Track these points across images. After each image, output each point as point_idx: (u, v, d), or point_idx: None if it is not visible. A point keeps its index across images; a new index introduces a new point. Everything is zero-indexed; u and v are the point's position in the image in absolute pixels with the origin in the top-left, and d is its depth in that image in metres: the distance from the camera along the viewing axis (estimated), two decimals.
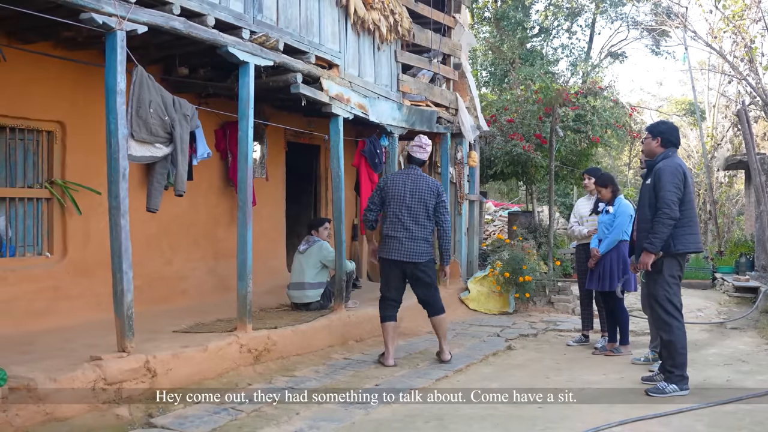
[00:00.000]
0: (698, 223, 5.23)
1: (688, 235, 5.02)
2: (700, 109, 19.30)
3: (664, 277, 5.03)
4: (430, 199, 5.82)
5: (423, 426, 4.22)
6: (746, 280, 10.15)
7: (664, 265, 5.03)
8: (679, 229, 4.99)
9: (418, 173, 5.94)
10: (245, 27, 5.49)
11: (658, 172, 5.03)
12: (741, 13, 14.56)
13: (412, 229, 5.78)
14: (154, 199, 5.49)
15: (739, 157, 12.78)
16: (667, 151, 5.14)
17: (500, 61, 20.77)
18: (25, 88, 5.62)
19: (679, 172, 5.00)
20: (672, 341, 4.99)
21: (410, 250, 5.78)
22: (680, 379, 4.96)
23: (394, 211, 5.82)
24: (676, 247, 4.99)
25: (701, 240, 5.20)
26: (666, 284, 5.02)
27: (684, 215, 4.99)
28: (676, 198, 4.93)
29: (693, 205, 5.10)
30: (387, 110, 7.74)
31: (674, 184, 4.94)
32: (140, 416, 4.15)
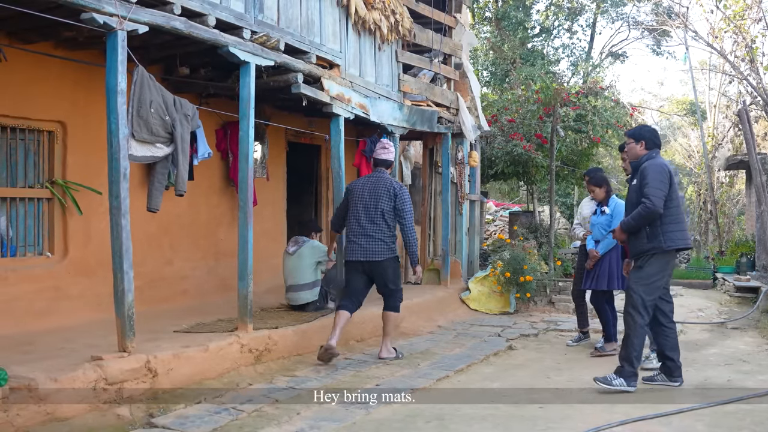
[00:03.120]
0: (685, 220, 5.32)
1: (676, 232, 5.08)
2: (701, 109, 19.29)
3: (646, 275, 5.08)
4: (388, 200, 5.88)
5: (424, 426, 4.22)
6: (747, 280, 10.14)
7: (648, 263, 5.08)
8: (667, 226, 5.05)
9: (380, 175, 6.02)
10: (246, 27, 5.49)
11: (643, 172, 5.10)
12: (742, 13, 14.55)
13: (369, 229, 5.87)
14: (155, 199, 5.49)
15: (739, 156, 12.78)
16: (650, 152, 5.22)
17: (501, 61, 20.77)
18: (26, 88, 5.62)
19: (664, 170, 5.08)
20: (630, 336, 5.07)
21: (368, 250, 5.87)
22: (629, 374, 5.02)
23: (354, 213, 5.96)
24: (666, 244, 5.04)
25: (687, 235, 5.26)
26: (645, 282, 5.07)
27: (671, 212, 5.06)
28: (661, 194, 4.99)
29: (679, 203, 5.16)
30: (388, 110, 7.74)
31: (659, 181, 5.01)
32: (141, 416, 4.15)
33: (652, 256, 5.08)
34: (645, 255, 5.10)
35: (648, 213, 4.99)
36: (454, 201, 9.55)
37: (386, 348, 6.02)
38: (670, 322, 5.31)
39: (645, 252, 5.10)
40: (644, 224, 5.06)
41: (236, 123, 5.84)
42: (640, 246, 5.14)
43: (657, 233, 5.04)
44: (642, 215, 5.03)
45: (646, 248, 5.09)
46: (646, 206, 4.99)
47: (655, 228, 5.05)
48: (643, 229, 5.09)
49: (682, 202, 5.32)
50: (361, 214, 5.90)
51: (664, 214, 5.02)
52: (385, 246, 5.90)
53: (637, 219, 5.07)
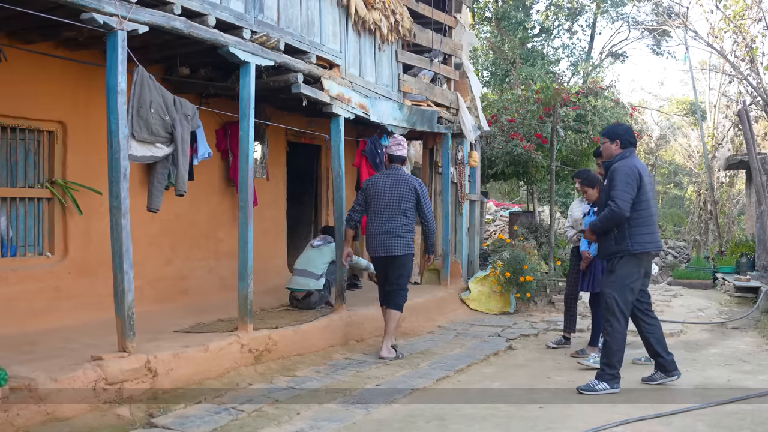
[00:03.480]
0: (657, 222, 5.25)
1: (645, 235, 5.04)
2: (701, 109, 19.29)
3: (617, 277, 5.05)
4: (410, 198, 6.07)
5: (424, 426, 4.22)
6: (747, 280, 10.14)
7: (619, 265, 5.04)
8: (636, 229, 5.00)
9: (398, 173, 6.18)
10: (246, 27, 5.49)
11: (612, 173, 5.05)
12: (742, 13, 14.55)
13: (390, 226, 6.03)
14: (155, 199, 5.50)
15: (739, 156, 12.77)
16: (624, 152, 5.16)
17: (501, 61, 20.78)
18: (26, 88, 5.62)
19: (633, 172, 5.01)
20: (609, 341, 5.05)
21: (387, 245, 6.04)
22: (611, 378, 5.01)
23: (375, 209, 6.10)
24: (633, 247, 5.00)
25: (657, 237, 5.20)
26: (617, 284, 5.03)
27: (641, 215, 5.01)
28: (628, 197, 4.94)
29: (650, 205, 5.09)
30: (388, 110, 7.74)
31: (627, 183, 4.95)
32: (141, 416, 4.15)
33: (621, 258, 5.03)
34: (614, 257, 5.06)
35: (614, 216, 4.94)
36: (454, 201, 9.55)
37: (387, 347, 6.04)
38: (651, 318, 5.30)
39: (613, 254, 5.06)
40: (611, 227, 5.01)
41: (236, 123, 5.84)
42: (608, 248, 5.10)
43: (625, 236, 5.00)
44: (608, 218, 4.98)
45: (614, 250, 5.05)
46: (611, 209, 4.94)
47: (623, 230, 5.00)
48: (611, 231, 5.04)
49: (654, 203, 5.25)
50: (382, 211, 6.05)
51: (632, 216, 4.97)
52: (404, 242, 6.07)
53: (604, 221, 5.02)
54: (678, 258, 13.92)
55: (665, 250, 14.15)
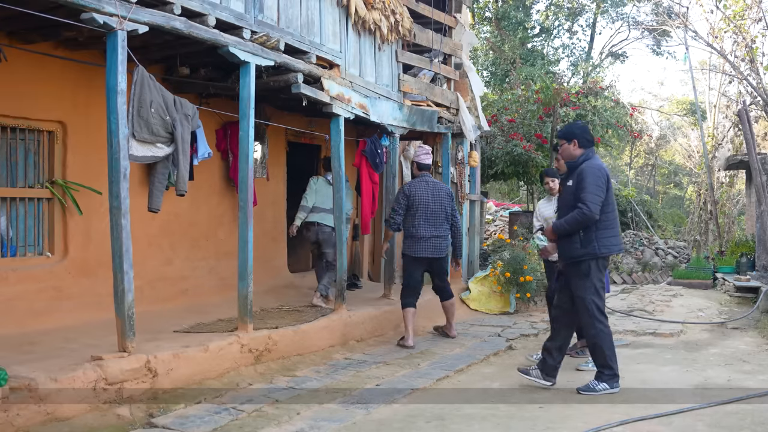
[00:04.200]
0: (619, 225, 5.21)
1: (611, 237, 5.01)
2: (701, 109, 19.29)
3: (592, 281, 4.99)
4: (449, 203, 6.92)
5: (424, 426, 4.22)
6: (747, 280, 10.14)
7: (591, 269, 4.98)
8: (602, 231, 4.96)
9: (434, 181, 6.95)
10: (246, 27, 5.49)
11: (581, 174, 4.97)
12: (742, 13, 14.55)
13: (439, 230, 6.81)
14: (155, 199, 5.50)
15: (739, 156, 12.77)
16: (587, 152, 5.11)
17: (501, 61, 20.78)
18: (26, 88, 5.61)
19: (602, 173, 4.98)
20: (598, 343, 5.01)
21: (437, 247, 6.81)
22: (610, 378, 4.99)
23: (422, 215, 6.76)
24: (600, 250, 4.96)
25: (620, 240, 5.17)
26: (594, 288, 4.99)
27: (606, 217, 4.98)
28: (598, 200, 4.89)
29: (614, 208, 5.08)
30: (388, 110, 7.74)
31: (597, 185, 4.90)
32: (141, 416, 4.15)
33: (587, 261, 4.97)
34: (580, 261, 4.99)
35: (584, 218, 4.88)
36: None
37: (455, 327, 7.13)
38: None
39: (578, 257, 4.99)
40: (579, 229, 4.95)
41: (236, 123, 5.84)
42: (572, 251, 5.02)
43: (591, 239, 4.94)
44: (578, 220, 4.90)
45: (579, 254, 4.97)
46: (582, 212, 4.86)
47: (589, 233, 4.94)
48: (576, 234, 4.97)
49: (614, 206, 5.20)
50: (429, 217, 6.77)
51: (599, 219, 4.92)
52: (448, 243, 6.98)
53: (572, 224, 4.94)
54: (678, 258, 13.91)
55: (665, 250, 14.14)
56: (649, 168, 28.51)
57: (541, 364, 5.21)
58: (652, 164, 28.27)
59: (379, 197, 8.64)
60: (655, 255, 13.94)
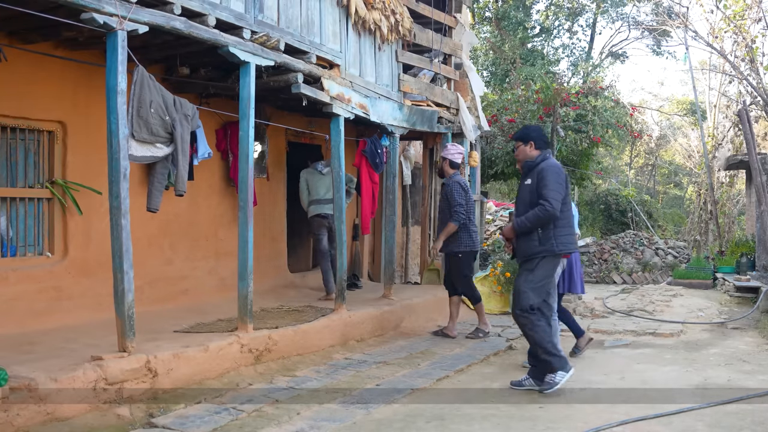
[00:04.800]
0: (574, 224, 5.28)
1: (567, 236, 5.06)
2: (701, 109, 19.29)
3: (536, 277, 5.01)
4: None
5: (424, 426, 4.22)
6: (747, 280, 10.13)
7: (539, 265, 5.01)
8: (560, 230, 5.01)
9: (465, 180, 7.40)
10: (246, 27, 5.49)
11: (542, 173, 5.03)
12: (742, 13, 14.56)
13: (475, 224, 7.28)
14: (155, 199, 5.49)
15: (740, 156, 12.77)
16: (544, 153, 5.19)
17: (501, 61, 20.78)
18: (26, 88, 5.62)
19: (562, 173, 5.08)
20: (534, 337, 5.00)
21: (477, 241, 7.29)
22: (558, 361, 4.96)
23: (471, 210, 7.14)
24: (558, 248, 5.00)
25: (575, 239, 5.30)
26: (535, 284, 5.00)
27: (564, 216, 5.03)
28: (559, 197, 4.95)
29: (571, 207, 5.17)
30: (388, 110, 7.74)
31: (558, 183, 4.97)
32: (141, 416, 4.15)
33: (542, 259, 5.00)
34: (535, 258, 5.02)
35: (546, 216, 4.92)
36: None
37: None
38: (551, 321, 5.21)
39: (535, 254, 5.02)
40: (539, 226, 4.99)
41: (236, 123, 5.84)
42: (530, 248, 5.05)
43: (549, 236, 4.98)
44: (540, 217, 4.95)
45: (537, 251, 5.01)
46: (545, 209, 4.90)
47: (548, 231, 4.98)
48: (535, 232, 5.01)
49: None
50: (472, 212, 7.20)
51: (558, 217, 4.98)
52: None
53: (534, 221, 4.98)
54: (678, 258, 13.91)
55: (665, 250, 14.14)
56: (649, 168, 28.53)
57: (532, 371, 5.21)
58: (652, 164, 28.28)
59: (379, 197, 8.65)
60: (655, 255, 13.94)
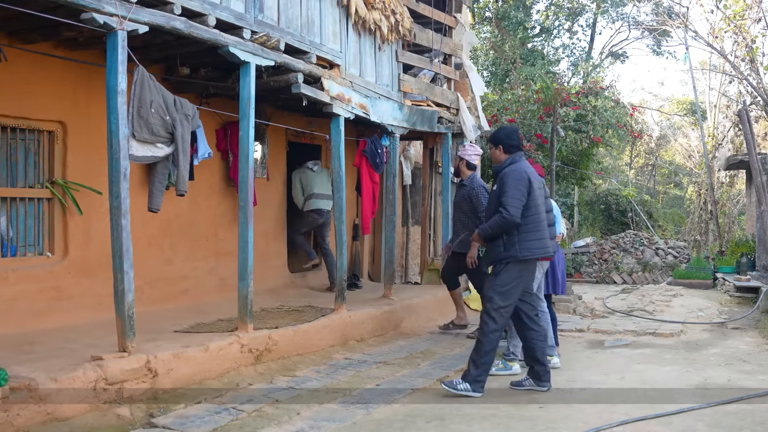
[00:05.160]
0: (546, 228, 5.17)
1: (533, 241, 5.00)
2: (701, 109, 19.30)
3: (501, 281, 4.99)
4: None
5: (424, 425, 4.22)
6: (747, 280, 10.14)
7: (504, 270, 5.00)
8: (524, 235, 4.97)
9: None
10: (246, 27, 5.49)
11: (503, 178, 5.03)
12: (742, 13, 14.56)
13: None
14: (156, 199, 5.50)
15: (740, 156, 12.78)
16: (513, 156, 5.14)
17: (501, 61, 20.78)
18: (26, 88, 5.61)
19: (524, 177, 5.00)
20: (483, 342, 4.97)
21: None
22: (473, 381, 4.90)
23: None
24: (522, 253, 4.96)
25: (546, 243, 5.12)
26: (500, 288, 4.97)
27: (529, 221, 4.98)
28: (519, 204, 4.91)
29: (539, 210, 5.06)
30: (388, 110, 7.73)
31: (517, 189, 4.93)
32: (141, 416, 4.15)
33: (507, 264, 5.00)
34: (500, 263, 5.03)
35: (504, 223, 4.92)
36: None
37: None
38: (537, 326, 5.21)
39: (500, 260, 5.03)
40: (501, 233, 4.99)
41: (236, 123, 5.84)
42: (496, 254, 5.07)
43: (513, 242, 4.96)
44: (499, 224, 4.96)
45: (502, 256, 5.01)
46: (503, 216, 4.91)
47: (512, 237, 4.97)
48: (500, 237, 5.01)
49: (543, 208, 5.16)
50: None
51: (522, 222, 4.94)
52: None
53: (494, 228, 5.00)
54: (678, 258, 13.91)
55: (665, 250, 14.14)
56: (650, 168, 28.53)
57: (531, 371, 5.21)
58: (652, 164, 28.28)
59: (379, 197, 8.65)
60: (655, 255, 13.95)
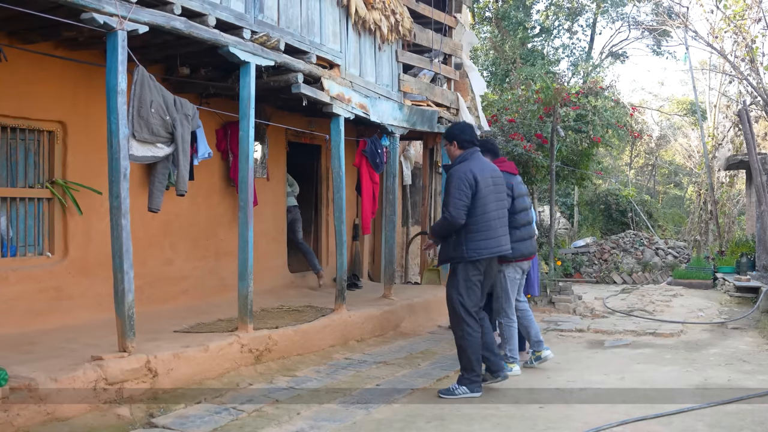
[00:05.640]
0: (496, 227, 5.00)
1: (480, 241, 4.90)
2: (701, 109, 19.29)
3: (459, 281, 4.95)
4: None
5: (424, 426, 4.22)
6: (747, 280, 10.14)
7: (458, 270, 4.98)
8: (472, 235, 4.90)
9: None
10: (246, 27, 5.49)
11: (448, 179, 5.00)
12: (742, 13, 14.56)
13: None
14: (156, 199, 5.49)
15: (740, 156, 12.78)
16: (464, 153, 5.06)
17: (501, 61, 20.78)
18: (26, 88, 5.61)
19: (467, 177, 4.89)
20: (462, 345, 4.94)
21: None
22: (470, 382, 4.90)
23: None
24: (468, 254, 4.90)
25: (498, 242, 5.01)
26: (459, 288, 4.95)
27: (476, 221, 4.89)
28: (461, 204, 4.84)
29: (487, 210, 4.94)
30: (388, 110, 7.74)
31: (459, 190, 4.85)
32: (141, 416, 4.15)
33: (457, 264, 4.98)
34: (451, 263, 5.03)
35: (447, 223, 4.89)
36: None
37: None
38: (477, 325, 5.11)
39: (450, 260, 5.02)
40: (447, 233, 4.95)
41: (236, 123, 5.84)
42: (445, 253, 5.06)
43: (461, 242, 4.92)
44: (442, 225, 4.95)
45: (451, 256, 5.00)
46: (444, 217, 4.89)
47: (459, 237, 4.92)
48: (450, 237, 4.97)
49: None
50: None
51: (468, 222, 4.87)
52: None
53: (438, 229, 5.01)
54: (678, 258, 13.91)
55: (665, 250, 14.14)
56: (650, 168, 28.52)
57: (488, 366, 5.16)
58: (652, 164, 28.27)
59: (379, 197, 8.65)
60: (655, 255, 13.95)
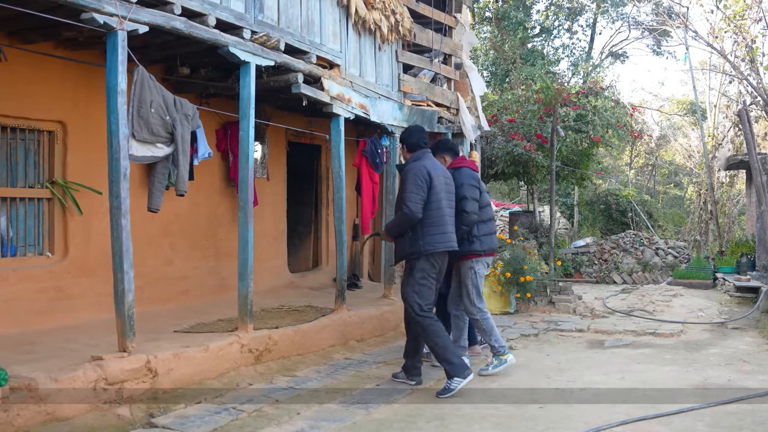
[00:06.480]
0: (449, 222, 5.17)
1: (435, 235, 5.05)
2: (702, 109, 19.29)
3: (414, 278, 5.06)
4: None
5: (424, 426, 4.22)
6: (747, 280, 10.13)
7: (415, 266, 5.07)
8: (428, 229, 5.03)
9: None
10: (246, 27, 5.49)
11: (403, 176, 5.13)
12: (742, 13, 14.56)
13: None
14: (156, 199, 5.49)
15: (740, 156, 12.77)
16: (416, 154, 5.25)
17: (501, 61, 20.79)
18: (26, 88, 5.62)
19: (422, 172, 5.07)
20: (429, 341, 5.02)
21: None
22: (455, 368, 4.94)
23: None
24: (425, 248, 5.02)
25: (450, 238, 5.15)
26: (415, 284, 5.04)
27: (431, 215, 5.04)
28: (418, 199, 4.98)
29: (441, 205, 5.11)
30: (388, 110, 7.73)
31: (416, 185, 5.00)
32: (141, 416, 4.16)
33: (415, 260, 5.06)
34: (408, 259, 5.10)
35: (406, 218, 4.99)
36: None
37: None
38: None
39: (407, 255, 5.10)
40: (405, 229, 5.06)
41: (236, 123, 5.84)
42: (402, 250, 5.15)
43: (418, 237, 5.03)
44: (401, 221, 5.04)
45: (408, 252, 5.08)
46: (403, 212, 4.99)
47: (416, 232, 5.04)
48: (407, 234, 5.07)
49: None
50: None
51: (424, 217, 5.01)
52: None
53: (396, 225, 5.10)
54: (678, 258, 13.91)
55: (665, 250, 14.14)
56: (650, 168, 28.54)
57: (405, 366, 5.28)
58: (652, 164, 28.29)
59: (379, 197, 8.64)
60: (655, 255, 13.94)
